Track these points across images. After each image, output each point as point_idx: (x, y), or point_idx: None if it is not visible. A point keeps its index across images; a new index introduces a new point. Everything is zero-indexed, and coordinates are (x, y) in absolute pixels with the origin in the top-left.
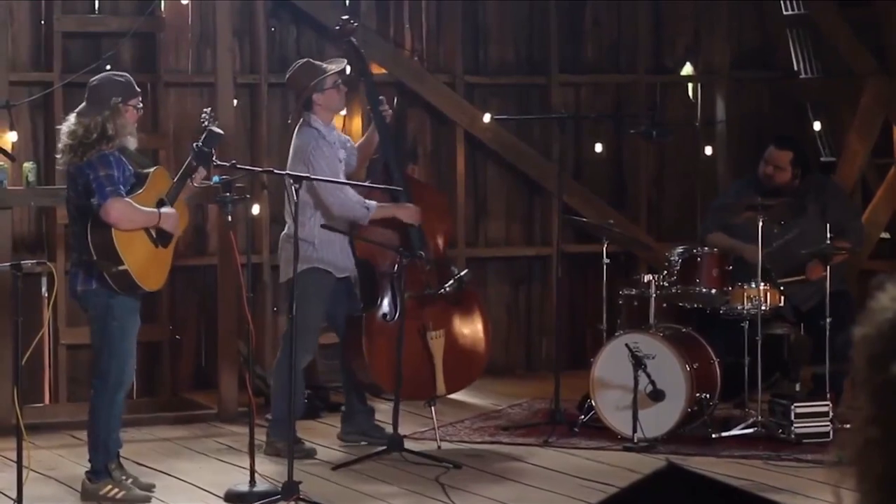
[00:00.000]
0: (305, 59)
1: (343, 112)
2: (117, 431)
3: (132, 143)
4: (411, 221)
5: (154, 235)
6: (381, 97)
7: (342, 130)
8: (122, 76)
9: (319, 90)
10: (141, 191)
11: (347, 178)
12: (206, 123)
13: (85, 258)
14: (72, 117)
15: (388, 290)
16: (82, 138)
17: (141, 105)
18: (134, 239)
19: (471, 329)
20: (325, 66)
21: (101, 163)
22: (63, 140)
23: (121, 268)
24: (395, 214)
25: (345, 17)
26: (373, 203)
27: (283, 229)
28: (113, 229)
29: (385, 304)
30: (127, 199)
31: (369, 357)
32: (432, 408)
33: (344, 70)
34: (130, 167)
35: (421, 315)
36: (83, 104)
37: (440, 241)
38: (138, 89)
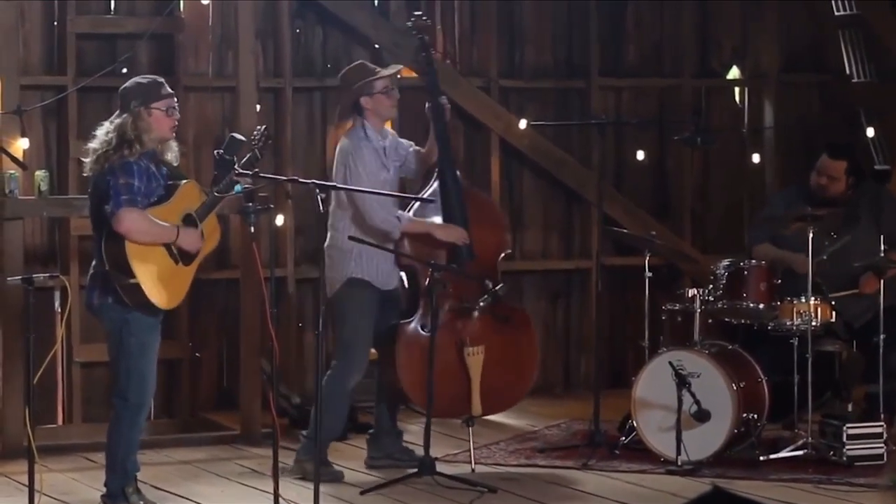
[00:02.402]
0: (360, 61)
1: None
2: (136, 454)
3: (168, 151)
4: (450, 241)
5: (175, 251)
6: (445, 100)
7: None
8: (146, 79)
9: (368, 93)
10: (166, 203)
11: (406, 186)
12: (258, 142)
13: (101, 269)
14: (105, 123)
15: (427, 302)
16: (105, 144)
17: (168, 108)
18: (150, 252)
19: (517, 350)
20: (378, 69)
21: (122, 170)
22: (91, 145)
23: (131, 281)
24: (429, 231)
25: (418, 12)
26: (405, 215)
27: (325, 241)
28: (126, 241)
29: (422, 315)
30: (142, 210)
31: (401, 368)
32: (470, 428)
33: (396, 75)
34: (161, 178)
35: (459, 329)
36: (117, 110)
37: (489, 257)
38: (168, 91)
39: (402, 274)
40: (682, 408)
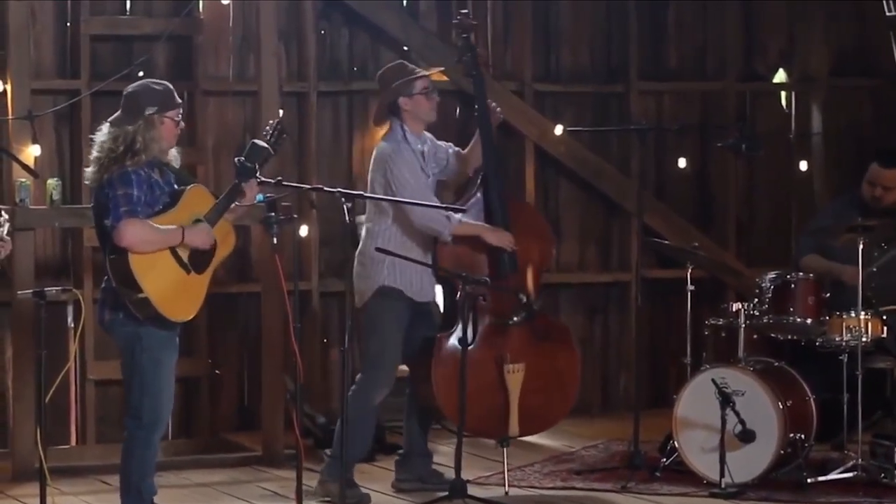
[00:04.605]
0: (400, 61)
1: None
2: (152, 476)
3: (174, 158)
4: (500, 245)
5: (185, 260)
6: (493, 103)
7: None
8: (160, 84)
9: (407, 94)
10: (172, 210)
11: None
12: (271, 137)
13: (110, 285)
14: (105, 127)
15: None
16: (109, 151)
17: (180, 118)
18: (156, 264)
19: (557, 368)
20: (418, 70)
21: (120, 181)
22: (92, 152)
23: (140, 295)
24: (480, 234)
25: (464, 10)
26: (456, 217)
27: (356, 250)
28: (129, 253)
29: (461, 329)
30: (142, 219)
31: (436, 383)
32: (504, 449)
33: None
34: (164, 185)
35: (499, 344)
36: (117, 113)
37: (531, 270)
38: (179, 100)
39: (438, 287)
40: (726, 428)
